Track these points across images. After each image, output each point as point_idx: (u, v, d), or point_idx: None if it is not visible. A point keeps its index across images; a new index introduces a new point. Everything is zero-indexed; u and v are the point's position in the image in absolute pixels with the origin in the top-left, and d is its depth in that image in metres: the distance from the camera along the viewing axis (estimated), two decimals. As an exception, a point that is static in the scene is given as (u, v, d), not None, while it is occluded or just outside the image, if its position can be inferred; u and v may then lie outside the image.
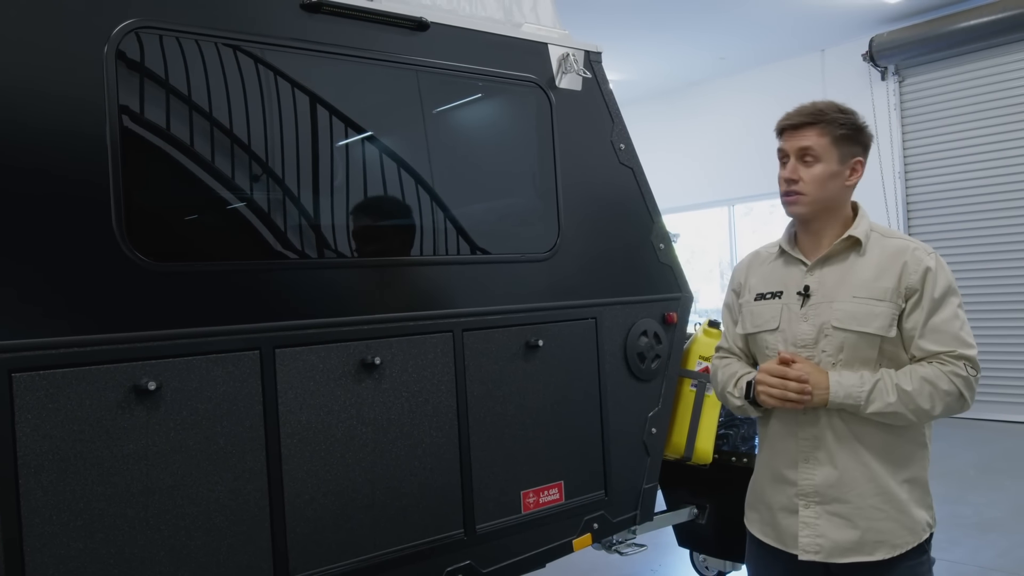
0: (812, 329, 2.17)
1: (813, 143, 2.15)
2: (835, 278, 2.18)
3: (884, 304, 2.10)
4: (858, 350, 2.12)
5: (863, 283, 2.13)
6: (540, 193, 3.19)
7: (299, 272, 2.55)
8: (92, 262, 2.14)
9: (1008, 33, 8.00)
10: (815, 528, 2.14)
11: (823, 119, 2.16)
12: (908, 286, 2.10)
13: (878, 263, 2.14)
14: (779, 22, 8.61)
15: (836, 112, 2.17)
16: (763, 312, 2.28)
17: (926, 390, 2.04)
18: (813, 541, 2.14)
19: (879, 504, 2.10)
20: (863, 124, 2.20)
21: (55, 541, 2.05)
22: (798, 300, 2.21)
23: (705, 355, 3.58)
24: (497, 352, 2.94)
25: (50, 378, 2.04)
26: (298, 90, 2.57)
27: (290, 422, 2.44)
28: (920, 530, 2.12)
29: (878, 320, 2.09)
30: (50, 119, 2.10)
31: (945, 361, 2.07)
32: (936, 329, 2.08)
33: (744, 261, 2.46)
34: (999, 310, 8.33)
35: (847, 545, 2.11)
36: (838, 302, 2.15)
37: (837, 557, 2.12)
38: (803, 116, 2.17)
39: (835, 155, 2.16)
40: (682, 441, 3.53)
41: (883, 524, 2.09)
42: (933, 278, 2.09)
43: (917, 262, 2.10)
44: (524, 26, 3.20)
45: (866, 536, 2.10)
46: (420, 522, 2.72)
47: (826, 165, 2.15)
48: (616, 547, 3.44)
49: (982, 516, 5.25)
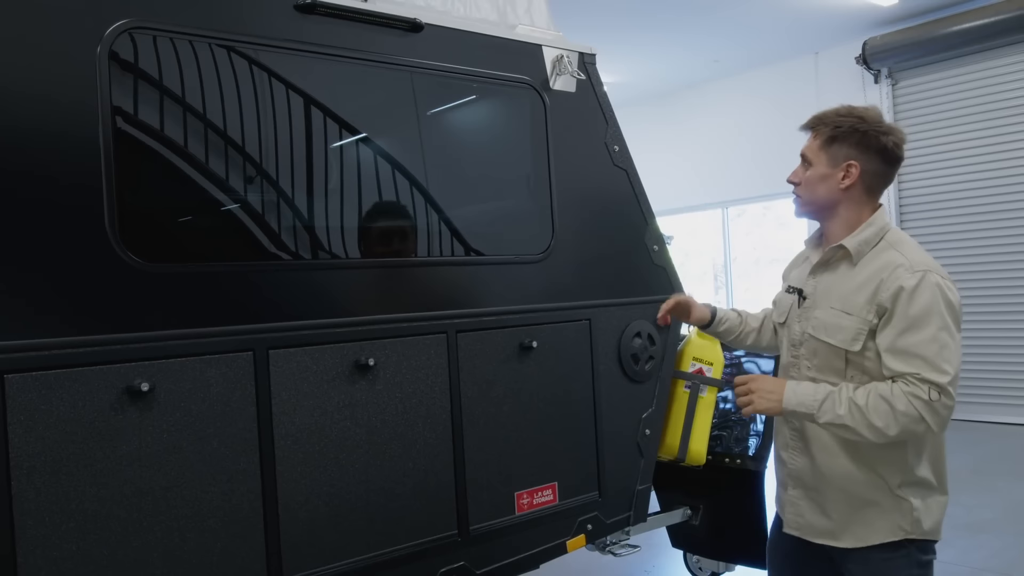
0: (800, 331, 2.28)
1: (806, 149, 2.26)
2: (826, 285, 2.24)
3: (851, 318, 2.11)
4: (827, 359, 2.18)
5: (842, 295, 2.16)
6: (534, 194, 3.19)
7: (293, 273, 2.55)
8: (85, 263, 2.13)
9: (1001, 36, 8.03)
10: (797, 507, 2.31)
11: (819, 123, 2.23)
12: (879, 303, 2.08)
13: (864, 276, 2.14)
14: (773, 25, 8.63)
15: (834, 115, 2.21)
16: (782, 304, 2.43)
17: (882, 408, 2.02)
18: (795, 519, 2.32)
19: (844, 498, 2.20)
20: (862, 128, 2.18)
21: (48, 543, 2.04)
22: (799, 301, 2.31)
23: (699, 357, 3.59)
24: (491, 353, 2.94)
25: (43, 379, 2.04)
26: (292, 91, 2.57)
27: (284, 423, 2.44)
28: (888, 531, 2.15)
29: (842, 333, 2.12)
30: (42, 120, 2.09)
31: (909, 382, 2.02)
32: (905, 350, 2.04)
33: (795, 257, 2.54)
34: (991, 312, 8.36)
35: (820, 529, 2.25)
36: (818, 309, 2.22)
37: (811, 536, 2.28)
38: (809, 122, 2.28)
39: (824, 158, 2.20)
40: (676, 442, 3.53)
41: (848, 516, 2.19)
42: (908, 298, 2.03)
43: (893, 280, 2.06)
44: (518, 28, 3.20)
45: (835, 525, 2.21)
46: (414, 523, 2.72)
47: (816, 168, 2.22)
48: (610, 548, 3.44)
49: (974, 517, 5.27)
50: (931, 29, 8.37)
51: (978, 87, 8.41)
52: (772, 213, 10.81)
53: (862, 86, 9.17)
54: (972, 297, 8.42)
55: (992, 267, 8.38)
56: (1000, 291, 8.33)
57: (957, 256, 8.55)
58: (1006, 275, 8.30)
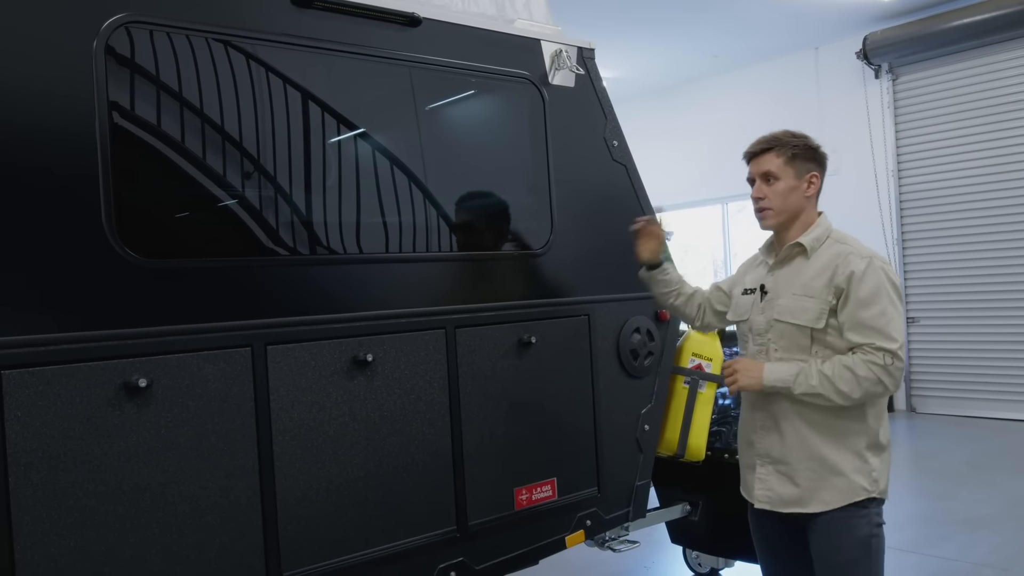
0: (764, 320, 2.61)
1: (770, 165, 2.57)
2: (785, 278, 2.60)
3: (813, 300, 2.48)
4: (794, 339, 2.52)
5: (802, 283, 2.53)
6: (533, 189, 3.18)
7: (291, 269, 2.54)
8: (82, 258, 2.12)
9: (1001, 31, 8.01)
10: (766, 483, 2.60)
11: (777, 144, 2.58)
12: (836, 285, 2.45)
13: (819, 266, 2.52)
14: (773, 20, 8.62)
15: (789, 136, 2.59)
16: (741, 304, 2.75)
17: (846, 375, 2.39)
18: (765, 493, 2.60)
19: (813, 467, 2.49)
20: (815, 145, 2.61)
21: (45, 539, 2.04)
22: (760, 296, 2.65)
23: (698, 352, 3.59)
24: (490, 349, 2.94)
25: (40, 375, 2.03)
26: (289, 86, 2.56)
27: (282, 419, 2.44)
28: (852, 492, 2.47)
29: (807, 314, 2.49)
30: (39, 114, 2.08)
31: (866, 351, 2.40)
32: (860, 324, 2.41)
33: (746, 261, 2.90)
34: (990, 307, 8.36)
35: (789, 498, 2.54)
36: (781, 298, 2.57)
37: (781, 507, 2.57)
38: (761, 144, 2.61)
39: (791, 172, 2.56)
40: (675, 438, 3.53)
41: (816, 483, 2.49)
42: (859, 280, 2.42)
43: (846, 266, 2.45)
44: (517, 22, 3.19)
45: (803, 493, 2.51)
46: (413, 519, 2.72)
47: (785, 181, 2.56)
48: (609, 544, 3.44)
49: (973, 512, 5.27)
50: (932, 24, 8.35)
51: (979, 82, 8.39)
52: (772, 209, 10.79)
53: (862, 81, 9.15)
54: (971, 293, 8.42)
55: (991, 262, 8.36)
56: (999, 287, 8.32)
57: (956, 252, 8.54)
58: (1005, 270, 8.29)
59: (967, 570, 4.39)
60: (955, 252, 8.53)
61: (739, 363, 2.54)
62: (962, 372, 8.50)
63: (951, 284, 8.51)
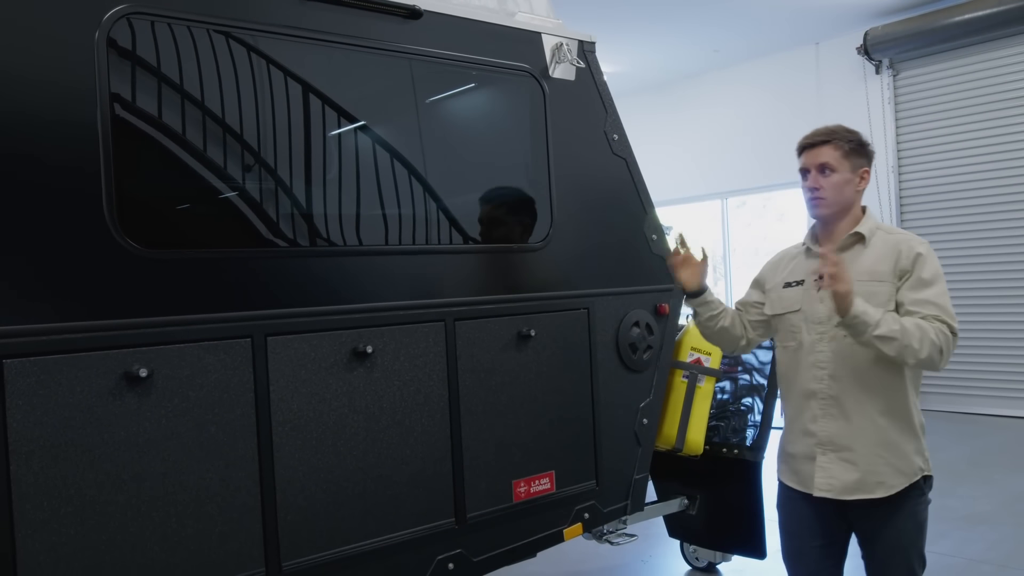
0: (826, 308, 2.59)
1: (829, 157, 2.63)
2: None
3: (883, 284, 2.56)
4: None
5: (865, 269, 2.59)
6: (533, 183, 3.19)
7: (291, 260, 2.55)
8: (83, 249, 2.13)
9: (1003, 27, 8.00)
10: (828, 471, 2.60)
11: (835, 137, 2.65)
12: (902, 268, 2.55)
13: (879, 253, 2.61)
14: (773, 15, 8.60)
15: (845, 132, 2.68)
16: (788, 296, 2.76)
17: (918, 333, 2.45)
18: (827, 481, 2.60)
19: (879, 452, 2.55)
20: (866, 142, 2.70)
21: (46, 527, 2.05)
22: (816, 286, 2.63)
23: (697, 346, 3.59)
24: (489, 341, 2.94)
25: (41, 364, 2.04)
26: (290, 78, 2.56)
27: (282, 410, 2.44)
28: (912, 473, 2.56)
29: (877, 297, 2.53)
30: (41, 105, 2.09)
31: (932, 320, 2.49)
32: (926, 300, 2.52)
33: (772, 260, 2.93)
34: (990, 303, 8.36)
35: (852, 484, 2.57)
36: None
37: (844, 495, 2.58)
38: (819, 136, 2.67)
39: (847, 165, 2.64)
40: (673, 432, 3.54)
41: (881, 468, 2.55)
42: (923, 262, 2.55)
43: (910, 250, 2.57)
44: (518, 15, 3.19)
45: (867, 477, 2.55)
46: (411, 511, 2.73)
47: (841, 174, 2.63)
48: (607, 537, 3.45)
49: (971, 509, 5.27)
50: (933, 20, 8.34)
51: (979, 78, 8.38)
52: (772, 204, 10.80)
53: (863, 77, 9.14)
54: (971, 289, 8.41)
55: (991, 258, 8.36)
56: (999, 283, 8.32)
57: (956, 247, 8.54)
58: (1005, 267, 8.29)
59: (964, 566, 4.39)
60: (955, 248, 8.53)
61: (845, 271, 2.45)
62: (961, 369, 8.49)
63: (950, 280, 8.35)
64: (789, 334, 2.75)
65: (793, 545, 2.77)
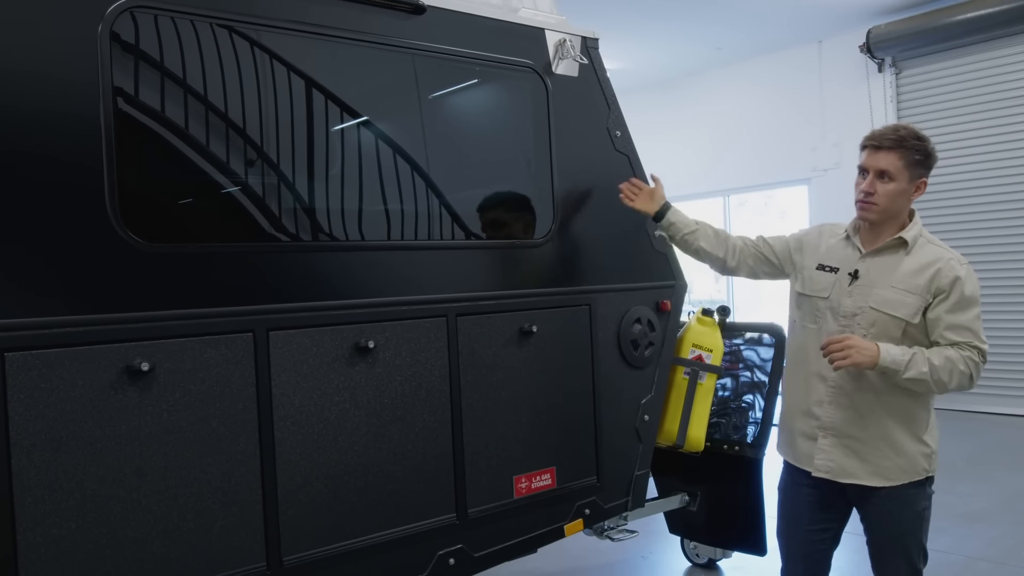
0: (852, 304, 2.64)
1: (890, 166, 2.57)
2: (881, 268, 2.64)
3: (914, 296, 2.57)
4: (886, 328, 2.59)
5: (902, 277, 2.60)
6: (535, 179, 3.18)
7: (293, 255, 2.54)
8: (86, 243, 2.13)
9: (1006, 26, 7.99)
10: (829, 454, 2.67)
11: (903, 145, 2.57)
12: (938, 287, 2.55)
13: (918, 264, 2.60)
14: (776, 13, 8.59)
15: (914, 140, 2.59)
16: (819, 280, 2.75)
17: (948, 367, 2.51)
18: (826, 463, 2.67)
19: (882, 447, 2.61)
20: (933, 150, 2.63)
21: (47, 521, 2.05)
22: (847, 279, 2.67)
23: (698, 343, 3.59)
24: (491, 337, 2.94)
25: (43, 358, 2.04)
26: (293, 73, 2.56)
27: (283, 405, 2.44)
28: (914, 472, 2.62)
29: (906, 308, 2.57)
30: (44, 99, 2.09)
31: (963, 348, 2.54)
32: (960, 324, 2.55)
33: (812, 232, 2.90)
34: (993, 302, 8.34)
35: (851, 470, 2.64)
36: (879, 288, 2.62)
37: (842, 478, 2.65)
38: (887, 140, 2.59)
39: (906, 176, 2.58)
40: (674, 428, 3.54)
41: (884, 462, 2.61)
42: (961, 285, 2.54)
43: (950, 270, 2.56)
44: (521, 11, 3.19)
45: (867, 467, 2.62)
46: (412, 506, 2.73)
47: (898, 184, 2.58)
48: (607, 533, 3.46)
49: (970, 507, 5.28)
50: (936, 18, 8.33)
51: (982, 77, 8.37)
52: (774, 203, 10.78)
53: (865, 75, 9.13)
54: (974, 287, 8.40)
55: (992, 258, 8.36)
56: (1000, 283, 8.32)
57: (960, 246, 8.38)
58: (1006, 266, 8.29)
59: (963, 563, 4.40)
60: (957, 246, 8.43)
61: (851, 339, 2.51)
62: (961, 367, 8.50)
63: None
64: (812, 315, 2.75)
65: (787, 526, 2.84)
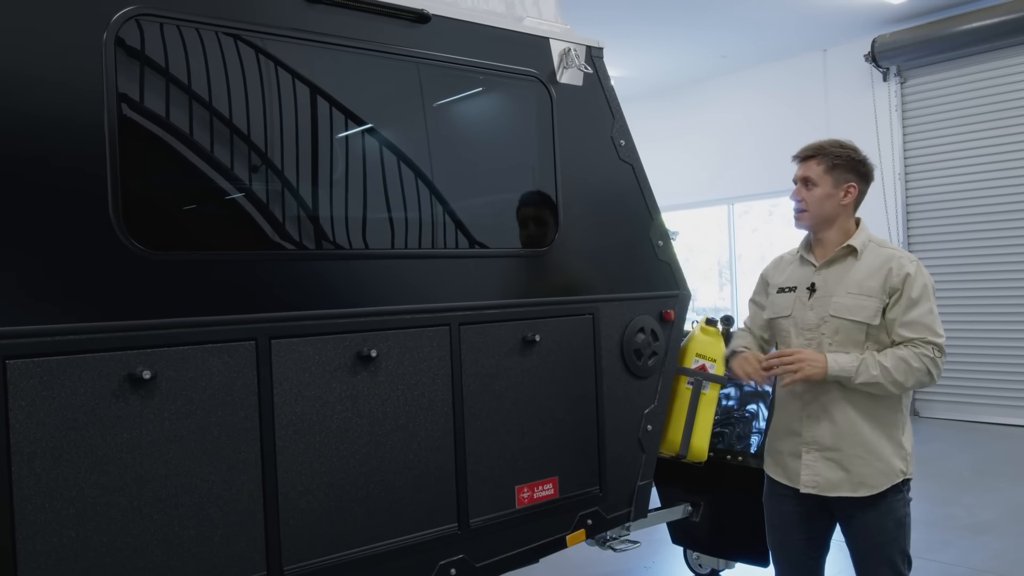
0: (815, 316, 2.77)
1: (811, 172, 2.77)
2: (835, 277, 2.77)
3: (871, 299, 2.69)
4: (849, 333, 2.71)
5: (856, 282, 2.72)
6: (539, 188, 3.18)
7: (296, 263, 2.54)
8: (89, 250, 2.13)
9: (1011, 36, 7.98)
10: (814, 469, 2.75)
11: (820, 152, 2.77)
12: (891, 286, 2.67)
13: (869, 267, 2.72)
14: (781, 21, 8.60)
15: (833, 147, 2.77)
16: (781, 302, 2.90)
17: (901, 367, 2.61)
18: (812, 478, 2.75)
19: (861, 453, 2.69)
20: (860, 157, 2.79)
21: (47, 529, 2.04)
22: (807, 293, 2.81)
23: (702, 353, 3.58)
24: (494, 346, 2.94)
25: (45, 365, 2.04)
26: (298, 81, 2.56)
27: (285, 413, 2.44)
28: (894, 475, 2.70)
29: (865, 311, 2.69)
30: (48, 106, 2.09)
31: (917, 345, 2.64)
32: (912, 321, 2.65)
33: (771, 264, 3.09)
34: (996, 311, 8.33)
35: (836, 482, 2.72)
36: (836, 296, 2.74)
37: (829, 492, 2.73)
38: (806, 151, 2.81)
39: (829, 180, 2.75)
40: (677, 438, 3.53)
41: (864, 469, 2.69)
42: (911, 281, 2.66)
43: (900, 268, 2.68)
44: (526, 20, 3.19)
45: (851, 477, 2.70)
46: (414, 515, 2.72)
47: (823, 188, 2.75)
48: (610, 543, 3.44)
49: (975, 518, 5.26)
50: (941, 27, 8.33)
51: (988, 87, 8.36)
52: (778, 211, 10.77)
53: (870, 84, 9.13)
54: (977, 297, 8.39)
55: (998, 267, 8.34)
56: (1005, 292, 8.30)
57: (963, 256, 8.51)
58: (1012, 275, 8.26)
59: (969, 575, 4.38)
60: (961, 256, 8.51)
61: (800, 353, 2.67)
62: (967, 377, 8.47)
63: (956, 288, 8.48)
64: (781, 337, 2.91)
65: (777, 537, 2.93)
